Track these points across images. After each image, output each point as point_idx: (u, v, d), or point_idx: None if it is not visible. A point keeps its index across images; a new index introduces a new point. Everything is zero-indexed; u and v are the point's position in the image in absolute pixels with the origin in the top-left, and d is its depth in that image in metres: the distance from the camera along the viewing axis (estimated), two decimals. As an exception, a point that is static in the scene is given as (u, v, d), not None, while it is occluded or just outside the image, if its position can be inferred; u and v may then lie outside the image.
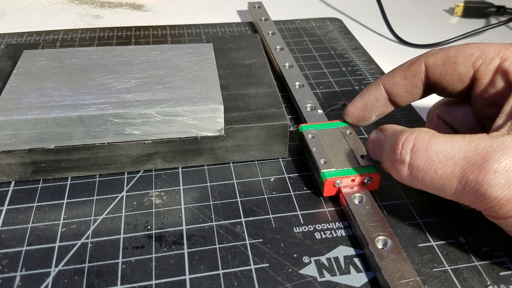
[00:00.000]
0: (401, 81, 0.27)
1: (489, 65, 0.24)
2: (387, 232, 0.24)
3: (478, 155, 0.20)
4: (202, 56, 0.32)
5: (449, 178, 0.21)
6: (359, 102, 0.29)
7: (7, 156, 0.27)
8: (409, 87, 0.27)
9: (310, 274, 0.23)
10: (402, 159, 0.22)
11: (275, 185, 0.28)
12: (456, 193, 0.21)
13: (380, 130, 0.26)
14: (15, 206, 0.26)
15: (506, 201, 0.20)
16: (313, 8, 0.54)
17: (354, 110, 0.29)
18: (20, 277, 0.22)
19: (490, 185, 0.20)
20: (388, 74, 0.28)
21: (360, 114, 0.29)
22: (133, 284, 0.22)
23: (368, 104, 0.28)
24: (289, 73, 0.37)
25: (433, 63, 0.26)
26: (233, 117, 0.29)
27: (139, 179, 0.28)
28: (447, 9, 0.54)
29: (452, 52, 0.25)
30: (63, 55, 0.31)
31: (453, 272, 0.23)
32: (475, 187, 0.20)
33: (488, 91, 0.25)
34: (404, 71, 0.27)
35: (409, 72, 0.27)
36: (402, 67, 0.27)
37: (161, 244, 0.24)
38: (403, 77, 0.27)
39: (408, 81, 0.27)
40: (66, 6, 0.53)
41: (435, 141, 0.22)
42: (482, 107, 0.26)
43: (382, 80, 0.28)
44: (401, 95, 0.27)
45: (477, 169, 0.20)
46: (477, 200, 0.21)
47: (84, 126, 0.26)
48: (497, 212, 0.21)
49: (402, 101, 0.28)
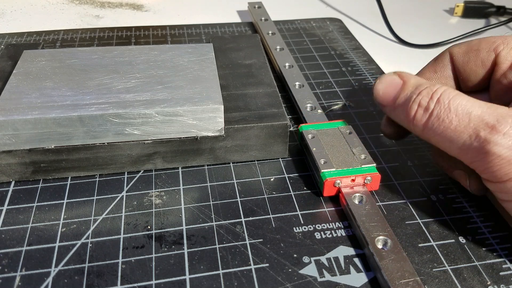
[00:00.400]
0: (432, 75, 0.28)
1: (511, 50, 0.25)
2: (387, 232, 0.24)
3: (494, 117, 0.21)
4: (202, 56, 0.32)
5: (461, 131, 0.22)
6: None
7: (7, 156, 0.27)
8: (442, 79, 0.28)
9: (310, 274, 0.23)
10: (426, 106, 0.23)
11: (275, 185, 0.28)
12: (462, 147, 0.22)
13: (396, 75, 0.26)
14: (15, 206, 0.26)
15: (507, 162, 0.21)
16: (313, 8, 0.54)
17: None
18: (20, 277, 0.22)
19: (496, 144, 0.21)
20: (417, 74, 0.28)
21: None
22: (133, 284, 0.22)
23: None
24: (289, 73, 0.37)
25: (457, 51, 0.27)
26: (233, 117, 0.29)
27: (139, 179, 0.28)
28: (447, 9, 0.54)
29: (475, 42, 0.27)
30: (63, 55, 0.31)
31: (453, 272, 0.23)
32: (482, 144, 0.21)
33: (507, 76, 0.25)
34: (432, 66, 0.28)
35: (438, 65, 0.28)
36: (430, 64, 0.28)
37: (161, 244, 0.24)
38: (433, 71, 0.28)
39: (439, 73, 0.28)
40: (66, 6, 0.53)
41: (460, 97, 0.22)
42: (501, 93, 0.26)
43: None
44: None
45: (489, 127, 0.21)
46: (479, 157, 0.22)
47: (84, 126, 0.26)
48: (495, 173, 0.21)
49: None
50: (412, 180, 0.29)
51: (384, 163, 0.30)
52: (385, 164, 0.30)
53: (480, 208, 0.27)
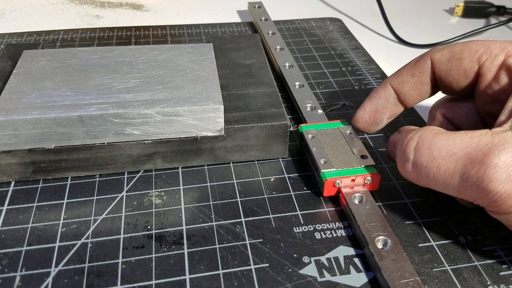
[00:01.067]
0: (409, 79, 0.27)
1: (494, 61, 0.24)
2: (387, 232, 0.24)
3: (480, 151, 0.20)
4: (202, 56, 0.32)
5: (451, 174, 0.21)
6: (369, 105, 0.28)
7: (7, 156, 0.27)
8: (418, 84, 0.27)
9: (310, 274, 0.23)
10: (406, 156, 0.23)
11: (275, 185, 0.28)
12: (460, 189, 0.21)
13: (398, 132, 0.26)
14: (15, 206, 0.26)
15: (507, 196, 0.20)
16: (313, 8, 0.54)
17: (364, 114, 0.28)
18: (20, 277, 0.22)
19: (491, 180, 0.20)
20: (394, 74, 0.28)
21: (371, 117, 0.28)
22: (133, 284, 0.22)
23: (379, 105, 0.28)
24: (289, 73, 0.37)
25: (439, 58, 0.26)
26: (233, 117, 0.29)
27: (139, 179, 0.28)
28: (447, 9, 0.54)
29: (458, 48, 0.26)
30: (63, 55, 0.31)
31: (453, 272, 0.23)
32: (476, 182, 0.20)
33: (492, 87, 0.25)
34: (411, 68, 0.27)
35: (416, 69, 0.27)
36: (409, 65, 0.27)
37: (161, 244, 0.24)
38: (410, 74, 0.27)
39: (416, 78, 0.27)
40: (66, 6, 0.53)
41: (438, 138, 0.22)
42: (486, 104, 0.26)
43: (389, 80, 0.28)
44: (410, 94, 0.27)
45: (478, 164, 0.20)
46: (479, 195, 0.21)
47: (84, 126, 0.26)
48: (499, 207, 0.21)
49: (411, 100, 0.28)
50: (412, 180, 0.29)
51: (384, 163, 0.30)
52: (385, 164, 0.30)
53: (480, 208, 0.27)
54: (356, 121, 0.28)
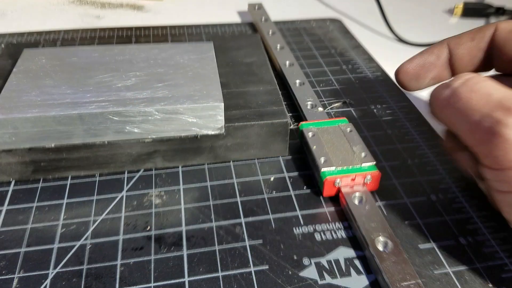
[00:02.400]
0: (467, 41, 0.27)
1: None
2: (387, 233, 0.24)
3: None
4: (202, 54, 0.32)
5: (477, 109, 0.21)
6: (418, 58, 0.27)
7: (7, 155, 0.26)
8: (475, 49, 0.27)
9: (311, 277, 0.23)
10: (451, 83, 0.23)
11: (275, 184, 0.28)
12: (472, 125, 0.22)
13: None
14: (15, 206, 0.26)
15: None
16: (313, 8, 0.54)
17: (409, 65, 0.27)
18: (18, 279, 0.22)
19: (507, 126, 0.20)
20: (455, 36, 0.27)
21: (416, 70, 0.27)
22: (131, 286, 0.22)
23: (428, 61, 0.27)
24: (289, 71, 0.37)
25: (504, 27, 0.26)
26: (234, 115, 0.28)
27: (139, 179, 0.28)
28: (446, 10, 0.54)
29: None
30: (63, 54, 0.31)
31: (454, 275, 0.23)
32: (493, 124, 0.21)
33: None
34: (473, 32, 0.27)
35: (478, 33, 0.27)
36: (473, 29, 0.27)
37: (160, 246, 0.24)
38: (470, 38, 0.27)
39: (475, 43, 0.27)
40: (67, 7, 0.53)
41: (486, 81, 0.22)
42: None
43: (448, 39, 0.27)
44: (463, 58, 0.27)
45: (504, 110, 0.21)
46: (487, 138, 0.21)
47: (84, 124, 0.26)
48: (498, 159, 0.21)
49: (462, 65, 0.27)
50: (412, 179, 0.28)
51: (384, 161, 0.30)
52: (385, 162, 0.30)
53: (480, 208, 0.26)
54: (398, 71, 0.28)
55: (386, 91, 0.37)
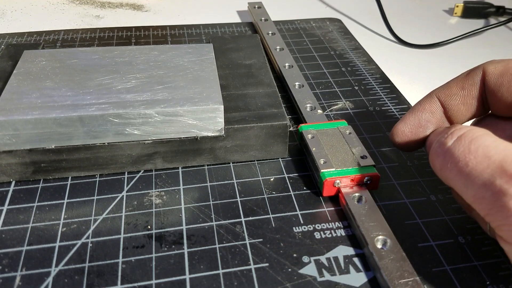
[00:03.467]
0: (458, 92, 0.25)
1: None
2: (386, 232, 0.24)
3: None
4: (202, 56, 0.32)
5: (477, 175, 0.19)
6: (411, 118, 0.25)
7: (8, 156, 0.27)
8: (468, 98, 0.25)
9: (310, 274, 0.23)
10: (444, 141, 0.21)
11: (275, 185, 0.28)
12: (477, 195, 0.20)
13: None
14: (16, 206, 0.26)
15: None
16: (313, 8, 0.54)
17: (404, 127, 0.25)
18: (20, 277, 0.23)
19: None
20: (442, 86, 0.26)
21: (413, 131, 0.25)
22: (133, 283, 0.22)
23: (423, 119, 0.25)
24: (289, 73, 0.37)
25: (492, 70, 0.24)
26: (233, 117, 0.29)
27: (139, 179, 0.28)
28: (446, 10, 0.54)
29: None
30: (64, 55, 0.31)
31: (452, 272, 0.23)
32: (497, 194, 0.19)
33: None
34: (461, 80, 0.25)
35: (467, 81, 0.25)
36: (459, 77, 0.25)
37: (161, 244, 0.24)
38: (460, 87, 0.25)
39: (466, 91, 0.25)
40: (67, 7, 0.53)
41: (483, 137, 0.20)
42: None
43: (436, 92, 0.26)
44: (459, 109, 0.25)
45: (508, 176, 0.18)
46: (494, 209, 0.19)
47: (84, 126, 0.26)
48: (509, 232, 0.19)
49: (459, 116, 0.25)
50: (412, 180, 0.29)
51: (383, 163, 0.30)
52: (384, 164, 0.30)
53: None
54: (394, 134, 0.26)
55: (385, 94, 0.37)
